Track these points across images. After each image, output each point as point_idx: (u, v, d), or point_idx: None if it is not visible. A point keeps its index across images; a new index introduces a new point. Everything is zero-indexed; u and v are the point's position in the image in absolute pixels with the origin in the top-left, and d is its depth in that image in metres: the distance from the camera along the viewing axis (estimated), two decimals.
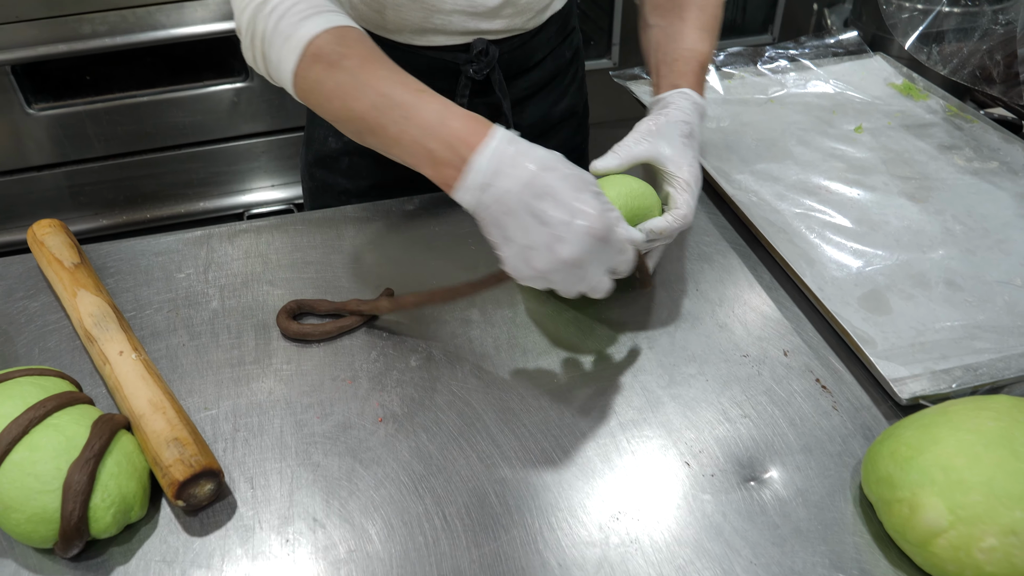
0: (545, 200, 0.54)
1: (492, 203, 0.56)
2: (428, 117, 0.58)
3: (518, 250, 0.56)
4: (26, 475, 0.52)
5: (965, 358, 0.67)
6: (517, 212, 0.55)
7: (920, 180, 0.91)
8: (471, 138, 0.56)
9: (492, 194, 0.55)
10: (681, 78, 0.74)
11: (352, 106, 0.61)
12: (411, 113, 0.58)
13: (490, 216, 0.56)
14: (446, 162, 0.57)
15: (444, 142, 0.57)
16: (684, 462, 0.60)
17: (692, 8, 0.78)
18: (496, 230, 0.57)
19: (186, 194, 1.67)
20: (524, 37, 0.88)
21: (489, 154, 0.55)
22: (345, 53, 0.61)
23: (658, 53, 0.78)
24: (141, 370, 0.63)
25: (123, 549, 0.55)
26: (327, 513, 0.57)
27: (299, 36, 0.62)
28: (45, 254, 0.75)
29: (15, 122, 1.49)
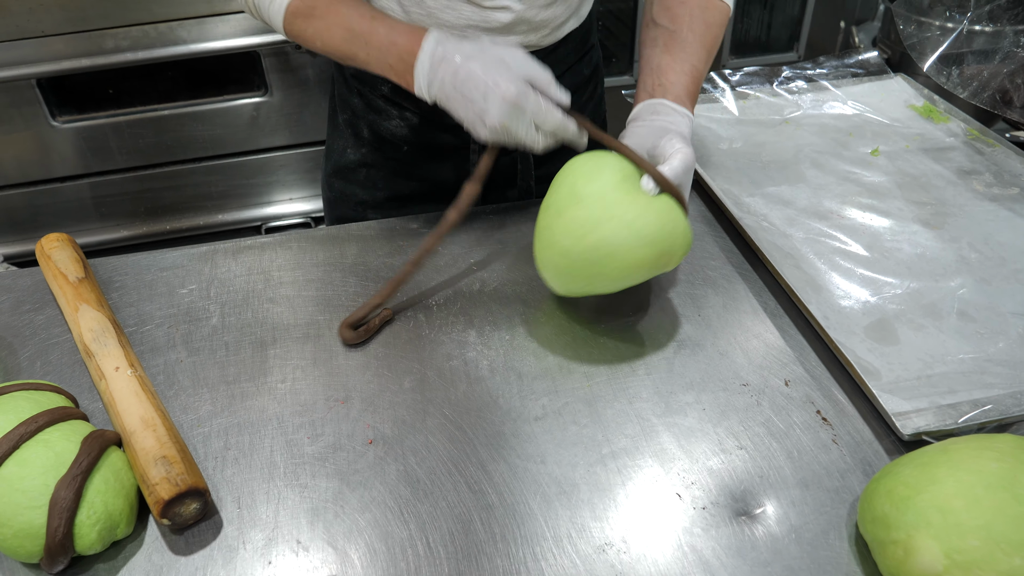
0: (468, 84, 0.68)
1: (439, 94, 0.70)
2: (381, 40, 0.72)
3: (468, 123, 0.70)
4: (14, 490, 0.53)
5: (974, 392, 0.65)
6: (454, 97, 0.69)
7: (936, 206, 0.89)
8: (414, 48, 0.70)
9: (436, 87, 0.70)
10: (688, 99, 0.74)
11: (328, 43, 0.75)
12: (370, 39, 0.72)
13: (441, 102, 0.71)
14: (403, 71, 0.71)
15: (397, 57, 0.71)
16: (676, 494, 0.58)
17: (699, 23, 0.78)
18: (453, 114, 0.71)
19: (205, 206, 1.69)
20: (540, 54, 0.87)
21: (426, 59, 0.70)
22: (314, 4, 0.75)
23: (664, 56, 0.77)
24: (135, 386, 0.63)
25: (108, 566, 0.55)
26: (311, 536, 0.56)
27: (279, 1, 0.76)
28: (51, 268, 0.76)
29: (40, 134, 1.52)
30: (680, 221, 0.66)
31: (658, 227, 0.64)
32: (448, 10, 0.78)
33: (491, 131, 0.68)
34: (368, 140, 0.93)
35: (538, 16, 0.81)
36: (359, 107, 0.91)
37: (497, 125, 0.67)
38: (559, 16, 0.83)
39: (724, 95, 1.11)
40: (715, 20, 0.79)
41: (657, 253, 0.65)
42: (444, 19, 0.78)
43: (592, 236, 0.64)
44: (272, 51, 1.53)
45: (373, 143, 0.92)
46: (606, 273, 0.66)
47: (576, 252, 0.65)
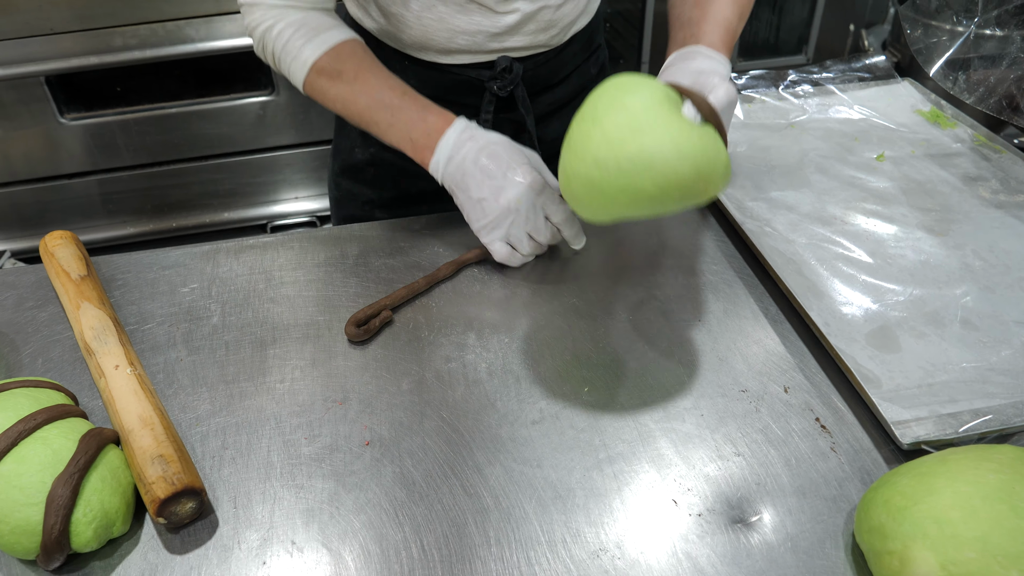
0: (492, 160, 0.72)
1: (455, 171, 0.73)
2: (411, 115, 0.75)
3: (475, 203, 0.73)
4: (12, 487, 0.53)
5: (975, 402, 0.64)
6: (472, 172, 0.72)
7: (941, 212, 0.88)
8: (443, 126, 0.74)
9: (455, 164, 0.73)
10: (723, 46, 0.73)
11: (351, 108, 0.77)
12: (396, 112, 0.75)
13: (453, 181, 0.74)
14: (424, 146, 0.74)
15: (423, 132, 0.74)
16: (672, 500, 0.58)
17: None
18: (459, 191, 0.74)
19: (211, 204, 1.70)
20: (549, 54, 0.87)
21: (454, 136, 0.73)
22: (341, 69, 0.76)
23: (695, 10, 0.75)
24: (134, 385, 0.63)
25: (104, 564, 0.55)
26: (306, 537, 0.56)
27: (303, 58, 0.77)
28: (54, 265, 0.77)
29: (49, 131, 1.53)
30: (721, 150, 0.61)
31: (702, 147, 0.59)
32: (459, 16, 0.78)
33: (503, 210, 0.72)
34: (376, 140, 0.93)
35: (548, 16, 0.81)
36: None
37: (512, 202, 0.71)
38: (568, 15, 0.83)
39: None
40: None
41: (696, 174, 0.58)
42: (456, 25, 0.78)
43: (632, 144, 0.58)
44: None
45: (381, 142, 0.92)
46: (642, 188, 0.59)
47: (612, 162, 0.58)
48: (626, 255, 0.82)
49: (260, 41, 0.79)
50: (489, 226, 0.74)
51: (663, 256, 0.82)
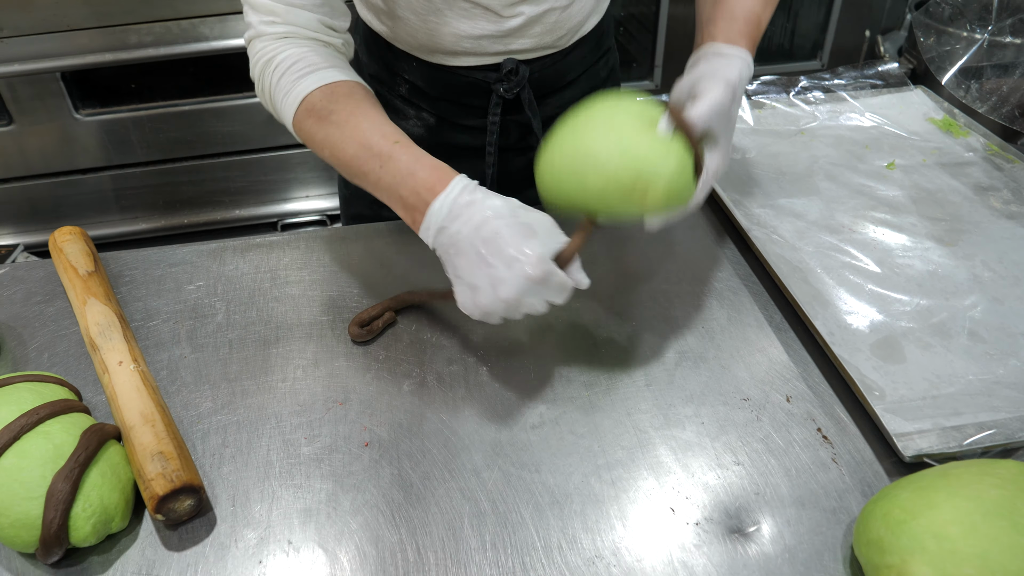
0: (490, 244, 0.59)
1: (447, 243, 0.61)
2: (400, 168, 0.63)
3: (466, 287, 0.61)
4: (13, 481, 0.54)
5: (980, 415, 0.64)
6: (467, 252, 0.60)
7: (951, 222, 0.87)
8: (436, 186, 0.61)
9: (447, 235, 0.61)
10: (741, 38, 0.71)
11: (338, 155, 0.67)
12: (386, 163, 0.64)
13: (445, 255, 0.62)
14: (413, 207, 0.63)
15: (412, 190, 0.62)
16: (669, 508, 0.58)
17: None
18: (450, 267, 0.62)
19: (223, 201, 1.71)
20: (556, 56, 0.87)
21: (448, 202, 0.61)
22: (333, 109, 0.67)
23: (716, 8, 0.73)
24: (137, 381, 0.64)
25: (102, 559, 0.56)
26: (303, 537, 0.57)
27: (295, 93, 0.68)
28: (63, 261, 0.77)
29: (64, 126, 1.55)
30: (675, 163, 0.62)
31: (646, 152, 0.62)
32: (464, 21, 0.78)
33: (499, 302, 0.59)
34: None
35: (554, 19, 0.81)
36: None
37: (511, 299, 0.59)
38: (575, 17, 0.83)
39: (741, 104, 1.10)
40: None
41: (633, 177, 0.61)
42: (460, 29, 0.78)
43: (586, 138, 0.63)
44: None
45: None
46: (587, 182, 0.63)
47: (568, 150, 0.64)
48: (632, 260, 0.82)
49: (259, 79, 0.72)
50: (478, 312, 0.62)
51: (668, 262, 0.82)
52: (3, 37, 1.41)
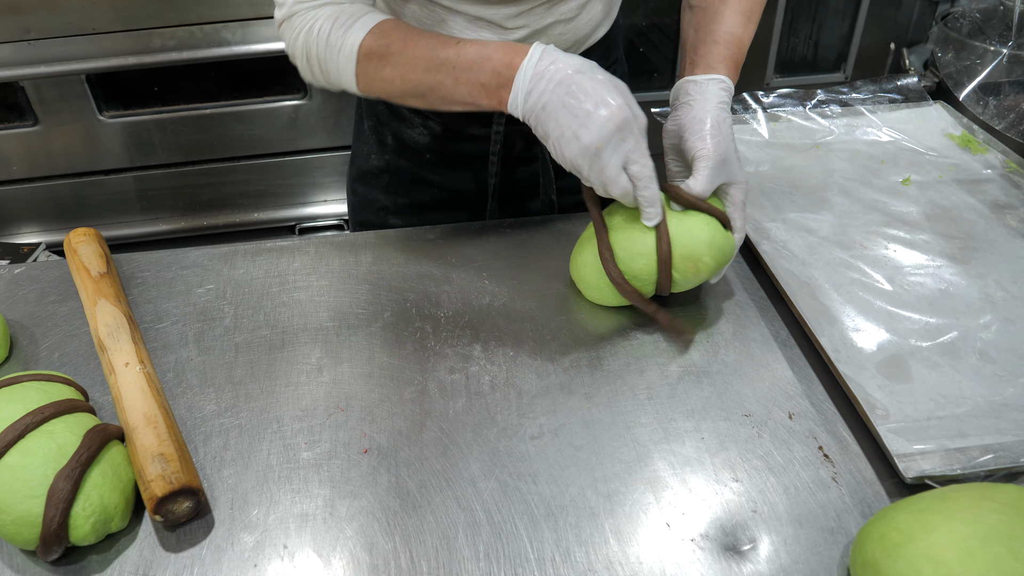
0: (574, 96, 0.63)
1: (535, 106, 0.65)
2: (472, 59, 0.67)
3: (555, 142, 0.65)
4: (16, 479, 0.55)
5: (986, 437, 0.63)
6: (553, 107, 0.64)
7: (965, 239, 0.86)
8: (514, 60, 0.65)
9: (533, 98, 0.65)
10: (720, 63, 0.73)
11: (410, 78, 0.70)
12: (457, 61, 0.67)
13: (535, 118, 0.66)
14: (496, 86, 0.66)
15: (492, 72, 0.66)
16: (665, 523, 0.58)
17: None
18: (540, 129, 0.66)
19: (242, 204, 1.73)
20: None
21: (531, 67, 0.65)
22: (388, 43, 0.70)
23: (698, 33, 0.75)
24: (142, 383, 0.65)
25: (101, 558, 0.57)
26: (298, 542, 0.57)
27: (349, 44, 0.70)
28: (76, 261, 0.79)
29: (88, 128, 1.57)
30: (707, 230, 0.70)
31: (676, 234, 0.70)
32: (468, 31, 0.78)
33: (582, 151, 0.63)
34: (391, 147, 0.94)
35: (560, 31, 0.81)
36: (384, 114, 0.92)
37: (593, 144, 0.63)
38: (581, 29, 0.83)
39: (756, 116, 1.09)
40: None
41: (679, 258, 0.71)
42: (464, 35, 0.79)
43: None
44: None
45: (396, 150, 0.94)
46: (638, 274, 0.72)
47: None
48: None
49: (303, 52, 0.72)
50: (566, 163, 0.66)
51: None
52: (30, 39, 1.44)
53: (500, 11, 0.77)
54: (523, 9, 0.78)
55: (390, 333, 0.75)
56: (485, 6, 0.76)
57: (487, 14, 0.77)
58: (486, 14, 0.77)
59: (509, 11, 0.77)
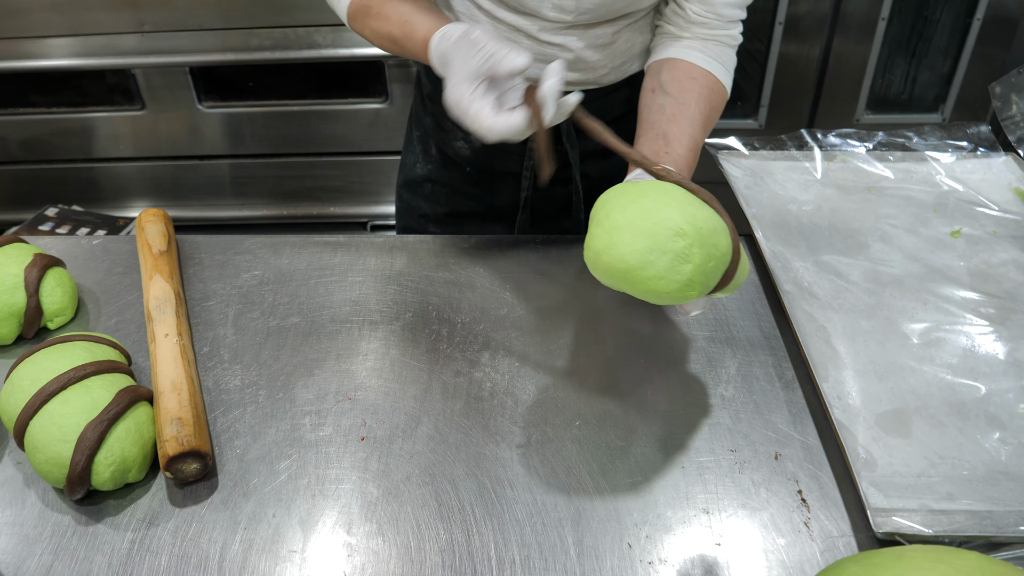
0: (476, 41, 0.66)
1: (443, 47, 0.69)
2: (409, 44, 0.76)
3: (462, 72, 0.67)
4: (53, 424, 0.62)
5: (975, 504, 0.61)
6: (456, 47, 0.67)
7: (1005, 300, 0.83)
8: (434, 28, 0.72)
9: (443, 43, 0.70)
10: (688, 172, 0.77)
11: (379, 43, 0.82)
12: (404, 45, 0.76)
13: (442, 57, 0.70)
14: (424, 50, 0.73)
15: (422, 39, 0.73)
16: (627, 543, 0.60)
17: (705, 103, 0.81)
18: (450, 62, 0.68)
19: (320, 198, 1.83)
20: (600, 92, 0.90)
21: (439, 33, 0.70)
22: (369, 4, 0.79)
23: (672, 126, 0.78)
24: (176, 353, 0.72)
25: (117, 503, 0.63)
26: (284, 514, 0.62)
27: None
28: (142, 238, 0.87)
29: (189, 116, 1.71)
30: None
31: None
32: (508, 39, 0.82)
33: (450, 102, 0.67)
34: (435, 157, 0.99)
35: (592, 57, 0.84)
36: (430, 126, 0.97)
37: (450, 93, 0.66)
38: (619, 55, 0.86)
39: (811, 155, 1.08)
40: (717, 104, 0.83)
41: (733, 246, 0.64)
42: None
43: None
44: (397, 63, 1.65)
45: (439, 161, 0.99)
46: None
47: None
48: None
49: None
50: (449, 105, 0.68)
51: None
52: (144, 32, 1.59)
53: (534, 24, 0.81)
54: (554, 27, 0.81)
55: (408, 332, 0.79)
56: (520, 16, 0.81)
57: (523, 25, 0.81)
58: (523, 25, 0.81)
59: (540, 25, 0.81)
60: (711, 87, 0.82)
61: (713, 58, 0.84)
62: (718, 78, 0.84)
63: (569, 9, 0.78)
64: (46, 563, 0.59)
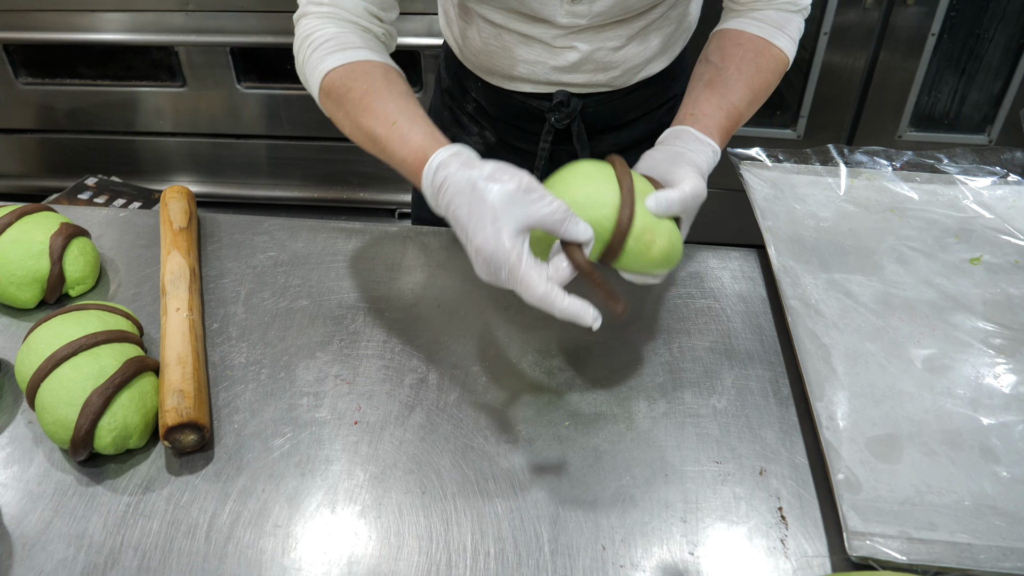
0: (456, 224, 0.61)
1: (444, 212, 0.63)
2: (395, 149, 0.67)
3: None
4: (62, 388, 0.65)
5: (957, 535, 0.61)
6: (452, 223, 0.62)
7: (1018, 331, 0.81)
8: (418, 166, 0.65)
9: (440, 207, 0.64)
10: (717, 131, 0.75)
11: (354, 134, 0.73)
12: (386, 146, 0.68)
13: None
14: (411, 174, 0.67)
15: (408, 169, 0.67)
16: (601, 545, 0.60)
17: (750, 65, 0.79)
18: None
19: (351, 182, 1.86)
20: (613, 95, 0.90)
21: (427, 185, 0.64)
22: (350, 87, 0.71)
23: (707, 91, 0.77)
24: (185, 328, 0.74)
25: (117, 467, 0.66)
26: (271, 490, 0.64)
27: (320, 70, 0.73)
28: (164, 214, 0.90)
29: (227, 95, 1.75)
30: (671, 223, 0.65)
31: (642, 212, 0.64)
32: (521, 46, 0.83)
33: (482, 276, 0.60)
34: None
35: (607, 58, 0.84)
36: (447, 119, 0.99)
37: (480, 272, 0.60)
38: (631, 59, 0.86)
39: (836, 171, 1.07)
40: (767, 66, 0.80)
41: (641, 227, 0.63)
42: (517, 54, 0.84)
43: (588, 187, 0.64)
44: (432, 53, 1.66)
45: None
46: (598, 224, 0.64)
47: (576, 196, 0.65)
48: (659, 307, 0.84)
49: (297, 54, 0.76)
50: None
51: (699, 316, 0.82)
52: (188, 10, 1.63)
53: (548, 31, 0.81)
54: (567, 32, 0.81)
55: (411, 322, 0.81)
56: (533, 24, 0.81)
57: (537, 33, 0.81)
58: (536, 33, 0.81)
59: (555, 32, 0.81)
60: (759, 50, 0.80)
61: (768, 23, 0.81)
62: (770, 41, 0.80)
63: (582, 13, 0.78)
64: (46, 519, 0.62)
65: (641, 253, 0.65)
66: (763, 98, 0.81)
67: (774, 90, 0.86)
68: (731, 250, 0.92)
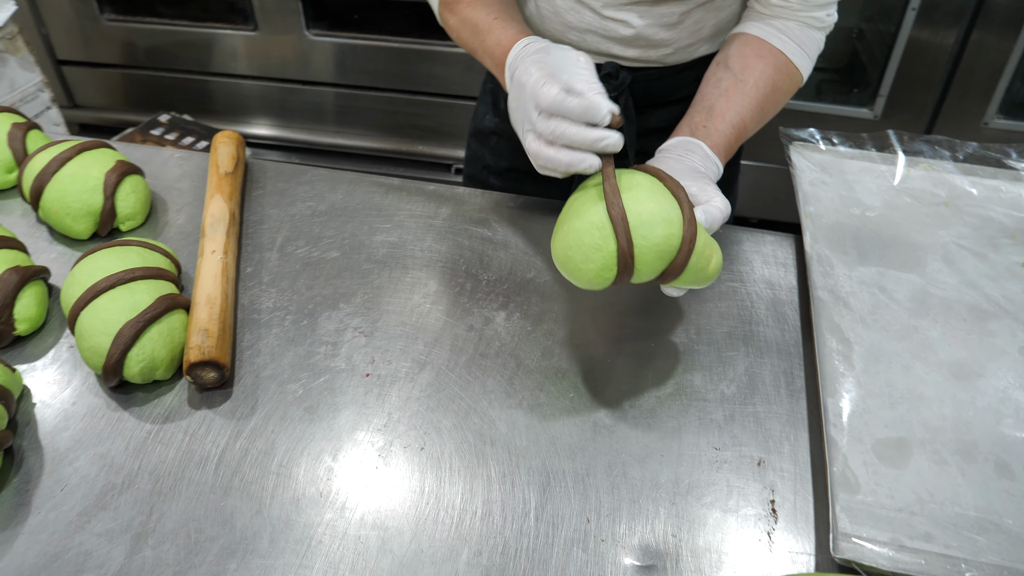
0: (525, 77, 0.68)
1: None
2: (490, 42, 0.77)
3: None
4: (98, 318, 0.70)
5: (952, 549, 0.59)
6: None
7: None
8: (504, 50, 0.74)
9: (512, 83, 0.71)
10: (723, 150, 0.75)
11: (461, 36, 0.83)
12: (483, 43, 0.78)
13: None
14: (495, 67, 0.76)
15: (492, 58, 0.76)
16: (586, 518, 0.62)
17: (768, 81, 0.78)
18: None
19: (411, 135, 1.88)
20: (664, 71, 0.89)
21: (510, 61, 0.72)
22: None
23: (721, 101, 0.77)
24: (217, 270, 0.78)
25: (144, 396, 0.71)
26: (278, 430, 0.68)
27: None
28: (213, 158, 0.94)
29: (297, 41, 1.78)
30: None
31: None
32: (572, 12, 0.82)
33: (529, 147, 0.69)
34: (502, 111, 1.00)
35: (657, 35, 0.82)
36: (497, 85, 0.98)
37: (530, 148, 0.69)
38: (682, 39, 0.84)
39: (893, 157, 1.02)
40: (783, 86, 0.79)
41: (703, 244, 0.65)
42: (568, 20, 0.83)
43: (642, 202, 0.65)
44: None
45: (505, 114, 1.00)
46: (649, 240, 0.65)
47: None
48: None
49: None
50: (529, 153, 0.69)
51: (719, 300, 0.81)
52: None
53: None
54: (618, 2, 0.80)
55: (434, 282, 0.83)
56: None
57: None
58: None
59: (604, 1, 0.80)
60: (779, 67, 0.80)
61: (791, 39, 0.80)
62: (790, 59, 0.81)
63: None
64: (75, 436, 0.67)
65: (701, 269, 0.66)
66: (770, 115, 0.81)
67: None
68: (766, 234, 0.90)
